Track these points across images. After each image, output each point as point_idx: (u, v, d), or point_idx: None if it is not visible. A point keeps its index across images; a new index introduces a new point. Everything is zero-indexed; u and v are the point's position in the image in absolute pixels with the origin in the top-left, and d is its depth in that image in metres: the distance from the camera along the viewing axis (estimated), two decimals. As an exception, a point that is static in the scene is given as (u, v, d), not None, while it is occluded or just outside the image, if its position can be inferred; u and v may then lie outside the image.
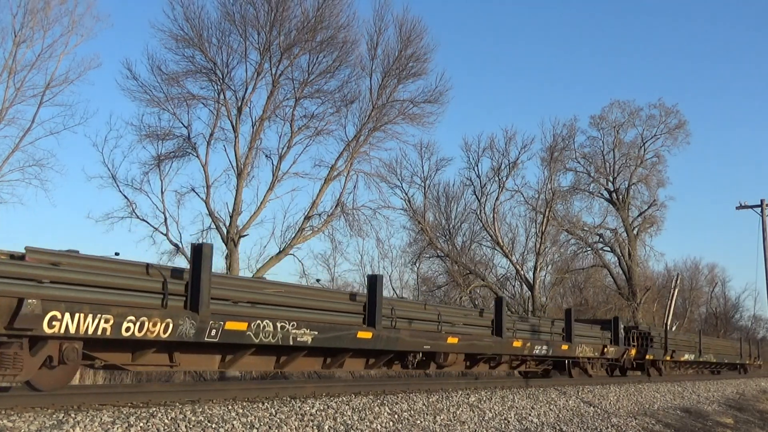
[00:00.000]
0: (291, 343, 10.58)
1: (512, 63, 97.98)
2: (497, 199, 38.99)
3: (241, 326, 9.82)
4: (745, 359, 40.67)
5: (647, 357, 25.13)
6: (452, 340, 14.31)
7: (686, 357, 29.87)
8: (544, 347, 17.79)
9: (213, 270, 9.62)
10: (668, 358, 27.49)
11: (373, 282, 12.52)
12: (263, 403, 9.60)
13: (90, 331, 7.91)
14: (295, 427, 9.06)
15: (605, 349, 21.43)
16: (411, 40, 27.59)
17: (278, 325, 10.34)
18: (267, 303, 10.56)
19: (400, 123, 27.89)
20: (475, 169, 39.55)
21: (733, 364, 39.40)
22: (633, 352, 23.99)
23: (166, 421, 7.98)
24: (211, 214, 24.92)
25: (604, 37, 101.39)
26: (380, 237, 32.70)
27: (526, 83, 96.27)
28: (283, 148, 25.93)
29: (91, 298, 8.07)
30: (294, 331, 10.59)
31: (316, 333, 10.95)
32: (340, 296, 12.77)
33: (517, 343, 16.51)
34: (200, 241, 12.00)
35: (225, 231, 24.63)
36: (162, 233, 24.84)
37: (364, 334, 12.01)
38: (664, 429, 15.86)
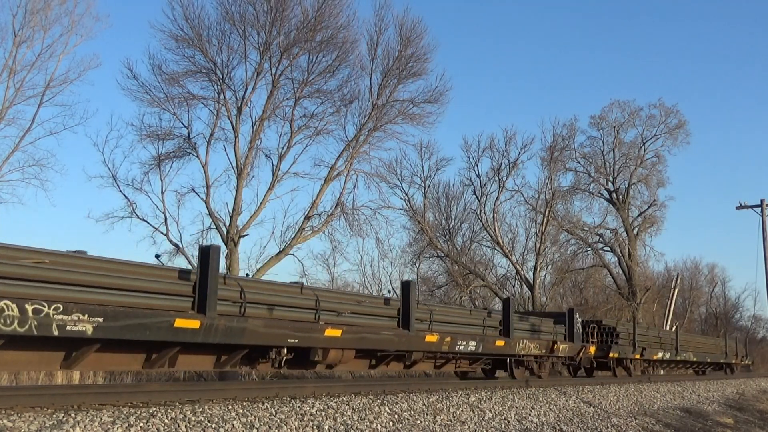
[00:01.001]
0: (55, 333, 8.00)
1: (512, 63, 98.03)
2: (497, 199, 39.02)
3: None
4: (730, 358, 38.26)
5: (611, 355, 23.13)
6: (333, 332, 11.66)
7: (660, 355, 27.45)
8: (472, 343, 15.52)
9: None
10: (637, 356, 25.26)
11: (206, 253, 9.88)
12: (263, 403, 9.60)
13: None
14: (295, 427, 9.06)
15: (555, 346, 19.19)
16: (411, 40, 27.59)
17: (29, 308, 7.75)
18: (14, 277, 7.97)
19: (400, 123, 27.89)
20: (475, 169, 39.59)
21: (717, 363, 37.19)
22: (592, 349, 21.91)
23: (166, 421, 7.97)
24: (211, 214, 24.92)
25: (604, 37, 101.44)
26: (380, 237, 32.79)
27: (526, 83, 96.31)
28: (283, 148, 25.94)
29: None
30: (60, 317, 8.03)
31: (100, 320, 8.40)
32: (148, 271, 9.71)
33: (431, 338, 14.19)
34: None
35: (225, 231, 24.62)
36: (162, 233, 24.84)
37: (188, 323, 9.40)
38: (664, 429, 15.86)
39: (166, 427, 7.81)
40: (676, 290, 49.04)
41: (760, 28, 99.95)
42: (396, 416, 10.70)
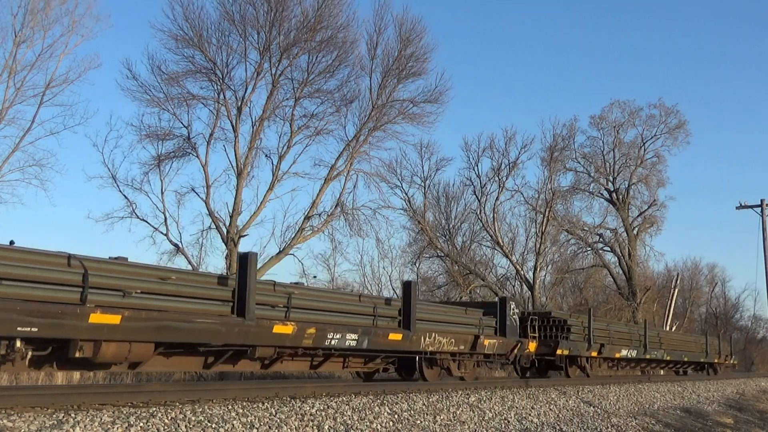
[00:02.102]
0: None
1: (512, 63, 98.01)
2: (497, 199, 39.02)
3: None
4: (712, 357, 34.65)
5: (559, 352, 20.40)
6: (104, 318, 8.75)
7: (624, 353, 24.46)
8: (351, 336, 12.57)
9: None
10: (594, 354, 22.44)
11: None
12: (263, 403, 9.60)
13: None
14: (295, 427, 9.06)
15: (479, 341, 16.31)
16: (411, 40, 27.61)
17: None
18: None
19: (400, 123, 27.92)
20: (475, 169, 39.58)
21: (697, 362, 33.95)
22: (532, 345, 19.29)
23: (166, 421, 7.97)
24: (211, 214, 24.93)
25: (604, 37, 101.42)
26: (380, 237, 32.79)
27: (526, 83, 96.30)
28: (283, 148, 25.96)
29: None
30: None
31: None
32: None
33: (282, 329, 11.26)
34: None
35: (225, 231, 24.64)
36: (162, 233, 24.88)
37: None
38: (664, 429, 15.85)
39: (166, 427, 7.81)
40: (676, 290, 49.06)
41: (760, 28, 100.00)
42: (396, 416, 10.70)
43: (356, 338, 12.70)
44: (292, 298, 11.71)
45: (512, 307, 18.33)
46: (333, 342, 12.29)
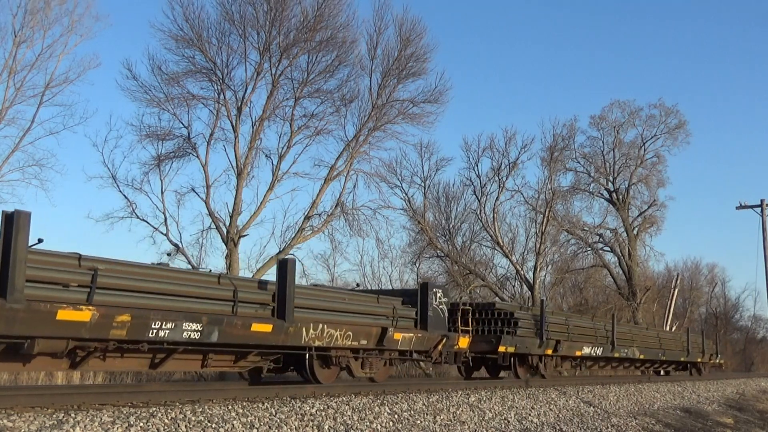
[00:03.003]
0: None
1: (512, 63, 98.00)
2: (497, 199, 38.99)
3: None
4: (695, 356, 32.04)
5: (501, 349, 18.00)
6: None
7: (586, 351, 21.82)
8: (193, 327, 10.26)
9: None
10: (548, 351, 20.03)
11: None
12: (263, 403, 9.60)
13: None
14: (295, 427, 9.06)
15: (388, 335, 13.69)
16: (411, 40, 27.58)
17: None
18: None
19: (400, 123, 27.88)
20: (475, 169, 39.54)
21: (677, 362, 31.34)
22: (464, 341, 16.66)
23: (166, 421, 7.97)
24: (211, 214, 24.93)
25: (604, 37, 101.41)
26: (380, 237, 32.73)
27: (526, 83, 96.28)
28: (282, 148, 25.94)
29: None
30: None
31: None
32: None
33: (73, 315, 8.83)
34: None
35: (225, 231, 24.63)
36: (162, 233, 24.85)
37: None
38: (664, 429, 15.86)
39: (166, 427, 7.81)
40: (676, 290, 49.04)
41: (760, 28, 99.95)
42: (396, 416, 10.70)
43: (199, 329, 10.31)
44: (97, 276, 9.30)
45: (439, 296, 15.62)
46: (162, 333, 9.82)
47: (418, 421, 10.84)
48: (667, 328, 38.04)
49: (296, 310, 12.05)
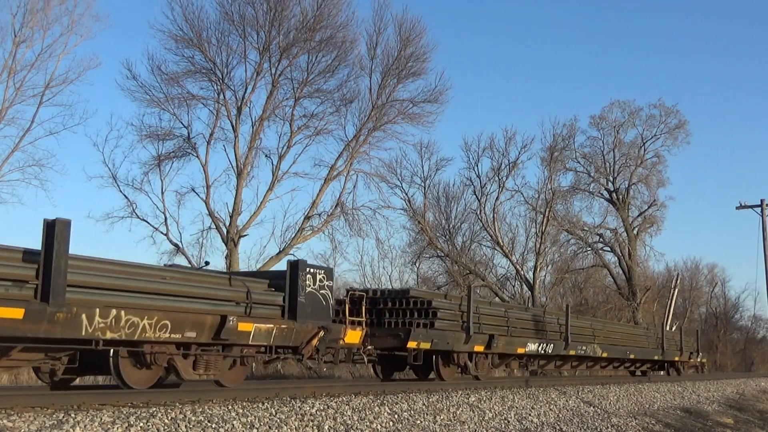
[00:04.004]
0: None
1: (512, 63, 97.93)
2: (497, 199, 39.03)
3: None
4: (671, 355, 28.80)
5: (412, 345, 14.70)
6: None
7: (531, 348, 18.84)
8: None
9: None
10: (480, 348, 16.87)
11: None
12: (263, 403, 9.59)
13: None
14: (295, 427, 9.06)
15: (229, 326, 10.75)
16: (410, 40, 27.62)
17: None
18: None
19: (400, 123, 27.94)
20: (475, 169, 39.59)
21: (650, 361, 27.95)
22: (354, 335, 13.68)
23: (166, 421, 7.97)
24: (211, 214, 24.95)
25: (604, 37, 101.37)
26: (380, 237, 32.72)
27: (526, 83, 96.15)
28: (282, 148, 25.98)
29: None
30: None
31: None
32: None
33: None
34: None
35: (225, 231, 24.64)
36: (162, 233, 24.91)
37: None
38: (664, 429, 15.86)
39: (166, 427, 7.81)
40: (676, 290, 49.02)
41: (760, 28, 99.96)
42: (396, 416, 10.70)
43: None
44: None
45: (320, 278, 12.69)
46: None
47: (418, 421, 10.83)
48: (668, 329, 37.84)
49: (72, 290, 9.04)
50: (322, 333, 12.62)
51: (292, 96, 26.16)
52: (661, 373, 29.24)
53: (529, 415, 13.23)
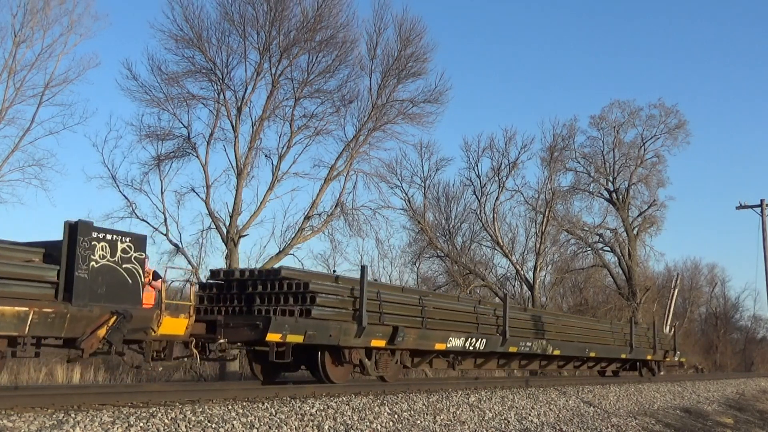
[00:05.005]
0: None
1: (512, 63, 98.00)
2: (497, 199, 39.03)
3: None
4: (642, 353, 25.91)
5: (272, 337, 11.99)
6: None
7: (455, 343, 16.09)
8: None
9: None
10: (380, 343, 14.11)
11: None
12: (263, 403, 9.60)
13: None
14: (295, 427, 9.06)
15: None
16: (410, 40, 27.58)
17: None
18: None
19: (400, 123, 27.89)
20: (475, 169, 39.59)
21: (616, 360, 25.15)
22: (176, 324, 11.17)
23: (166, 421, 7.97)
24: (211, 214, 24.93)
25: (604, 37, 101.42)
26: (380, 237, 32.66)
27: (526, 83, 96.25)
28: (282, 148, 25.95)
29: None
30: None
31: None
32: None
33: None
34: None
35: (225, 231, 24.63)
36: (162, 233, 24.86)
37: None
38: (664, 429, 15.86)
39: (166, 427, 7.81)
40: (676, 290, 49.01)
41: (760, 28, 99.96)
42: (396, 416, 10.70)
43: None
44: None
45: (123, 248, 10.47)
46: None
47: (418, 421, 10.83)
48: (667, 329, 37.75)
49: None
50: (114, 320, 9.95)
51: (292, 96, 26.15)
52: (634, 373, 26.90)
53: (529, 415, 13.23)
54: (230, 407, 9.02)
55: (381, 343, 14.14)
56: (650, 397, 19.40)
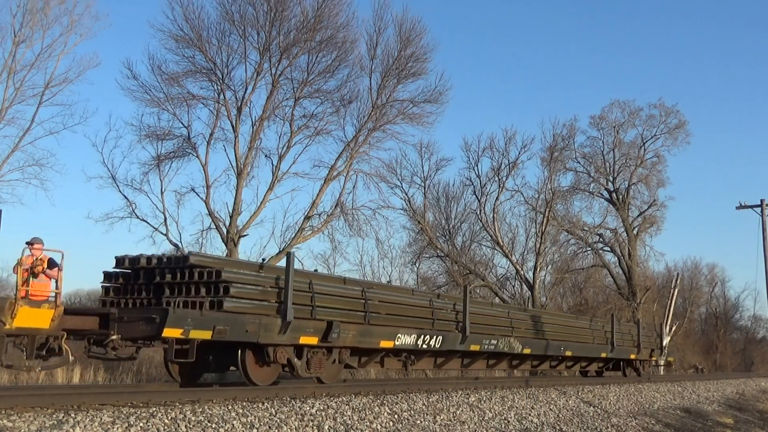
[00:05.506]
0: None
1: (512, 63, 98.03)
2: (497, 199, 39.03)
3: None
4: (625, 352, 24.64)
5: (169, 333, 10.46)
6: None
7: (406, 341, 14.59)
8: None
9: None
10: (310, 339, 12.62)
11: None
12: (263, 403, 9.60)
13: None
14: (295, 427, 9.06)
15: None
16: (410, 40, 27.58)
17: None
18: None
19: (400, 123, 27.89)
20: (475, 169, 39.60)
21: (596, 359, 23.74)
22: (41, 315, 9.71)
23: (166, 421, 7.97)
24: (211, 214, 24.93)
25: (604, 37, 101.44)
26: (380, 237, 32.67)
27: (526, 83, 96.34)
28: (282, 148, 25.96)
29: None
30: None
31: None
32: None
33: None
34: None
35: (225, 231, 24.63)
36: (162, 233, 24.86)
37: None
38: (664, 429, 15.86)
39: (166, 427, 7.81)
40: (676, 290, 49.02)
41: (760, 28, 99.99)
42: (396, 416, 10.70)
43: None
44: None
45: None
46: None
47: (418, 421, 10.84)
48: (667, 329, 37.67)
49: None
50: None
51: (292, 96, 26.16)
52: (618, 373, 25.66)
53: (529, 415, 13.23)
54: (230, 407, 9.02)
55: (312, 340, 12.67)
56: (650, 397, 19.40)
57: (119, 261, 12.17)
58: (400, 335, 14.45)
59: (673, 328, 47.00)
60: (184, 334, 10.63)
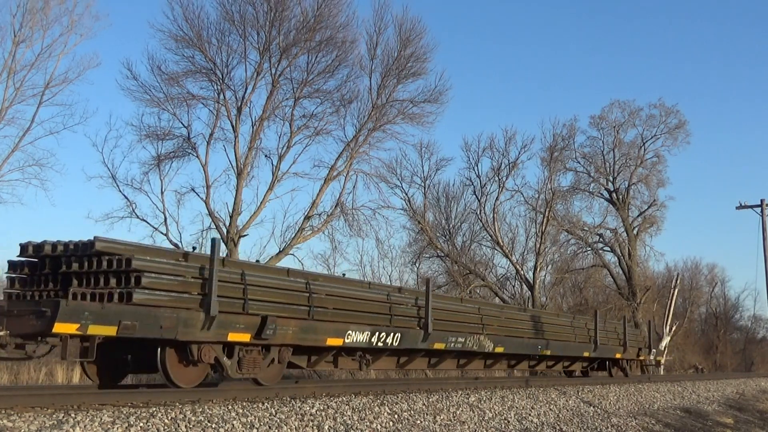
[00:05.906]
0: None
1: (512, 63, 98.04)
2: (497, 199, 39.06)
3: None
4: (610, 351, 23.37)
5: (63, 328, 9.01)
6: None
7: (355, 338, 13.13)
8: None
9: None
10: (241, 337, 11.26)
11: None
12: (263, 403, 9.59)
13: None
14: (295, 427, 9.05)
15: None
16: (410, 40, 27.61)
17: None
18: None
19: (400, 123, 27.92)
20: (475, 169, 39.63)
21: (577, 358, 22.32)
22: None
23: (166, 421, 7.97)
24: (211, 214, 24.94)
25: (604, 37, 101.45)
26: (380, 237, 32.70)
27: (526, 83, 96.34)
28: (282, 148, 25.98)
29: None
30: None
31: None
32: None
33: None
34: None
35: (225, 231, 24.64)
36: (162, 233, 24.88)
37: None
38: (664, 429, 15.86)
39: (166, 427, 7.81)
40: (676, 290, 49.02)
41: (760, 28, 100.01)
42: (396, 416, 10.70)
43: None
44: None
45: None
46: None
47: (418, 421, 10.83)
48: (667, 329, 37.66)
49: None
50: None
51: (291, 96, 26.18)
52: (604, 373, 24.37)
53: (529, 415, 13.23)
54: (230, 407, 9.01)
55: (243, 337, 11.24)
56: (650, 397, 19.40)
57: (23, 248, 10.65)
58: (350, 332, 13.07)
59: (673, 328, 46.99)
60: (82, 330, 9.19)
